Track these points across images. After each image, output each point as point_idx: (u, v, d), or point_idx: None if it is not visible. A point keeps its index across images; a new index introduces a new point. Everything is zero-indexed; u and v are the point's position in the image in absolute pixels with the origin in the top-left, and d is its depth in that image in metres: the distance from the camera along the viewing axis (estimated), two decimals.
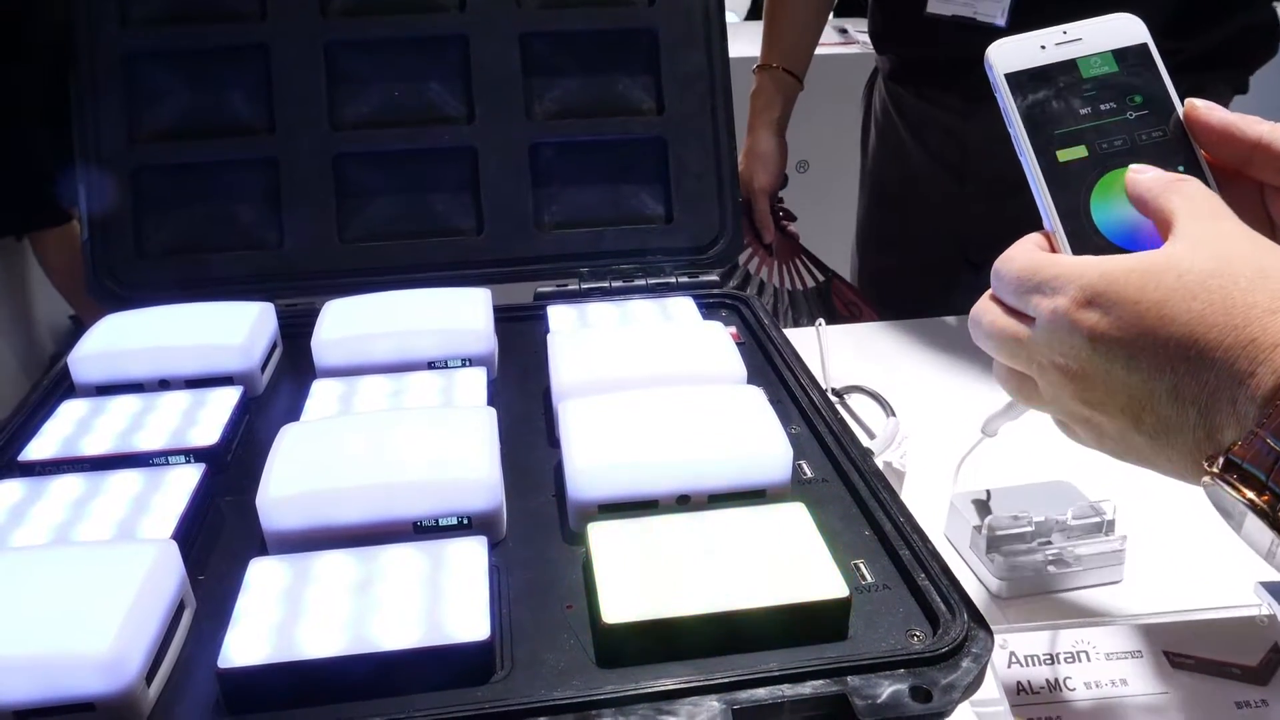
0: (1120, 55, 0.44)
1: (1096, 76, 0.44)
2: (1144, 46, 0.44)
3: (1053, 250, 0.44)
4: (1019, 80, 0.44)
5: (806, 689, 0.39)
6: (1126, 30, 0.44)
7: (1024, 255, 0.44)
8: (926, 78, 1.16)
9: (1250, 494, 0.35)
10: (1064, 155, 0.44)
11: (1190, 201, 0.40)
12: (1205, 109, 0.43)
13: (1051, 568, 0.66)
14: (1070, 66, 0.44)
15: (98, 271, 0.74)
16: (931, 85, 1.15)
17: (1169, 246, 0.39)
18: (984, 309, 0.45)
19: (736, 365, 0.60)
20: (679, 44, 0.79)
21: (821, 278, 1.25)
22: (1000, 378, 0.47)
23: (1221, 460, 0.36)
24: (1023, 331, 0.43)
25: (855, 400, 0.89)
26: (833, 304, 1.22)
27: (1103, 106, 0.44)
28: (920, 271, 1.23)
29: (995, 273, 0.44)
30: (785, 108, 1.24)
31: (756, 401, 0.54)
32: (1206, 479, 0.37)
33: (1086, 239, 0.43)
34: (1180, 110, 0.44)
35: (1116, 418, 0.41)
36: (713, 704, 0.38)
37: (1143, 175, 0.42)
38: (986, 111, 1.06)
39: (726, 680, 0.39)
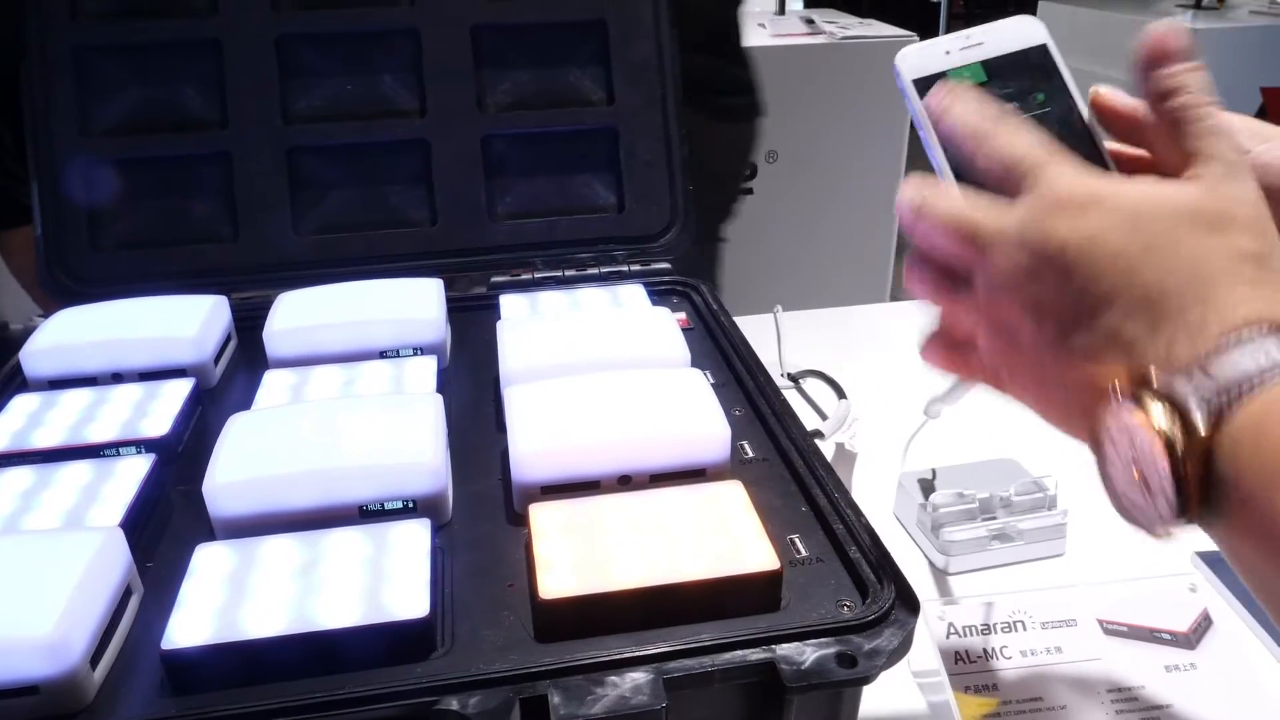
0: (1022, 56, 0.45)
1: (1000, 79, 0.45)
2: (1044, 47, 0.45)
3: None
4: (926, 86, 0.44)
5: (735, 657, 0.40)
6: (1026, 32, 0.45)
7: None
8: None
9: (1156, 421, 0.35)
10: None
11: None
12: (1109, 94, 0.44)
13: (995, 542, 0.67)
14: (974, 71, 0.45)
15: (51, 266, 0.74)
16: None
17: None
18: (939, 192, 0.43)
19: (680, 349, 0.61)
20: (628, 35, 0.80)
21: None
22: (912, 264, 0.44)
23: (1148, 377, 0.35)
24: (997, 209, 0.40)
25: (810, 384, 0.90)
26: None
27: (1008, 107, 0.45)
28: None
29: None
30: None
31: (696, 383, 0.55)
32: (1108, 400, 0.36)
33: None
34: (1082, 105, 0.44)
35: (1046, 324, 0.39)
36: (643, 674, 0.40)
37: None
38: None
39: (658, 651, 0.40)
